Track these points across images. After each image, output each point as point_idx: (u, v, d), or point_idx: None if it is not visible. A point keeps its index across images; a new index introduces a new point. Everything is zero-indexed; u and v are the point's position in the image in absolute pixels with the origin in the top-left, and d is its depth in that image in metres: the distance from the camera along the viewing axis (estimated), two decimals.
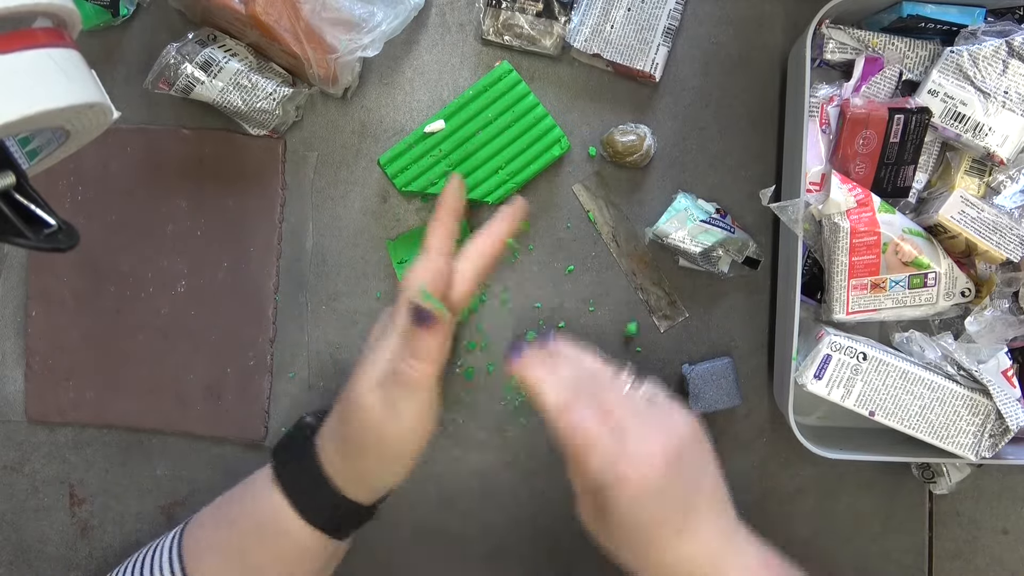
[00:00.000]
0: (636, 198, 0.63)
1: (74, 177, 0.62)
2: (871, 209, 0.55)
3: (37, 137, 0.38)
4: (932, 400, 0.55)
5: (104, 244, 0.63)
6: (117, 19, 0.61)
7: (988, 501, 0.65)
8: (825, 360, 0.55)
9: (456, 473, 0.64)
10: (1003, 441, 0.54)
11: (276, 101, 0.59)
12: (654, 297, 0.63)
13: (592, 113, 0.63)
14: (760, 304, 0.64)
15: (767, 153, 0.63)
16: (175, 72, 0.56)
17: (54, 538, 0.64)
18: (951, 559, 0.65)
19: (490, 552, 0.64)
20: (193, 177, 0.62)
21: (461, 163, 0.60)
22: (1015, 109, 0.55)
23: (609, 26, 0.60)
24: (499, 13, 0.60)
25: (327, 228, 0.63)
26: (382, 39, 0.58)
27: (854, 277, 0.56)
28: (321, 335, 0.64)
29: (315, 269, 0.64)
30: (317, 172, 0.63)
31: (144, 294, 0.63)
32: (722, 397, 0.60)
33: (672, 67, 0.63)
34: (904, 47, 0.58)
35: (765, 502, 0.64)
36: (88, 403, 0.63)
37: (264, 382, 0.63)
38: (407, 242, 0.63)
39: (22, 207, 0.34)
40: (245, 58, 0.58)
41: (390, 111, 0.63)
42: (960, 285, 0.56)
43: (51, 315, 0.63)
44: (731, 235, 0.59)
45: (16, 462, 0.64)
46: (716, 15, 0.63)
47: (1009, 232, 0.55)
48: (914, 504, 0.64)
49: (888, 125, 0.56)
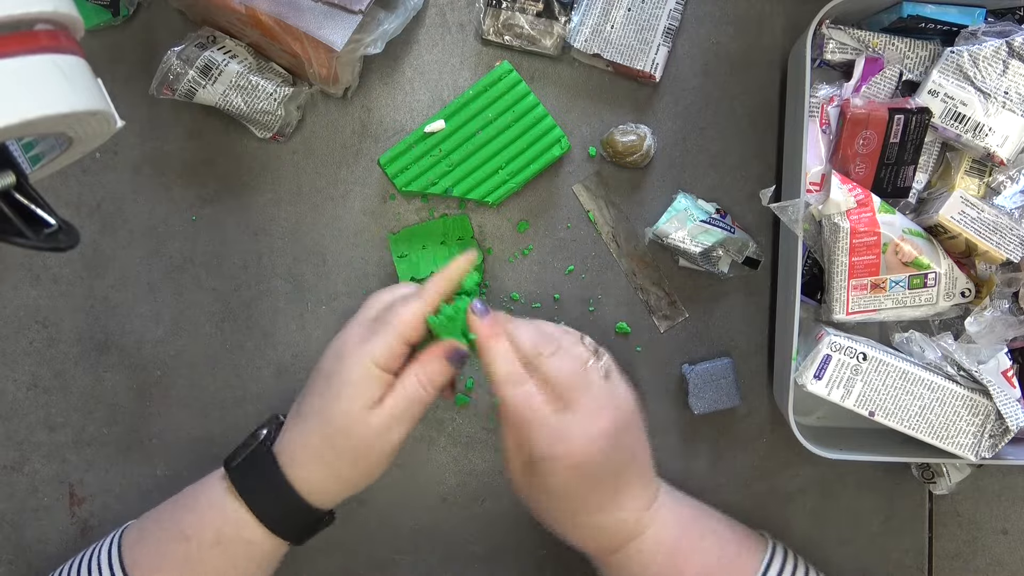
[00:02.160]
0: (636, 198, 0.63)
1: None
2: (871, 209, 0.55)
3: (40, 143, 0.38)
4: (932, 400, 0.55)
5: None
6: (117, 19, 0.61)
7: (988, 501, 0.65)
8: (825, 360, 0.55)
9: (456, 473, 0.64)
10: (1003, 441, 0.54)
11: (277, 101, 0.59)
12: (654, 297, 0.63)
13: (592, 113, 0.63)
14: (760, 304, 0.64)
15: (767, 153, 0.63)
16: (177, 78, 0.57)
17: (54, 538, 0.64)
18: (951, 559, 0.65)
19: (490, 552, 0.64)
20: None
21: (461, 163, 0.60)
22: (1015, 109, 0.55)
23: (609, 26, 0.60)
24: (499, 13, 0.60)
25: (327, 228, 0.63)
26: (384, 38, 0.58)
27: (854, 277, 0.56)
28: (321, 335, 0.64)
29: (315, 269, 0.64)
30: (317, 172, 0.63)
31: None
32: (722, 397, 0.60)
33: (672, 67, 0.63)
34: (904, 47, 0.58)
35: (765, 502, 0.64)
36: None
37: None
38: (409, 237, 0.63)
39: (22, 207, 0.34)
40: (245, 59, 0.58)
41: (390, 111, 0.63)
42: (960, 285, 0.56)
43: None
44: (731, 235, 0.59)
45: (16, 462, 0.64)
46: (716, 15, 0.63)
47: (1009, 232, 0.55)
48: (914, 504, 0.64)
49: (888, 125, 0.56)
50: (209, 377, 0.64)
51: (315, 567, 0.64)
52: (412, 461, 0.64)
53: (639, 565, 0.50)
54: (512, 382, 0.46)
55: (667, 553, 0.50)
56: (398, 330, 0.47)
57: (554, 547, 0.64)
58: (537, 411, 0.46)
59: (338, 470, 0.48)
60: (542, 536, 0.64)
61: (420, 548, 0.64)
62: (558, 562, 0.64)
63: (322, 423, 0.47)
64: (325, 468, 0.48)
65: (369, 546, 0.64)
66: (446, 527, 0.64)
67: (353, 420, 0.46)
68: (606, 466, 0.47)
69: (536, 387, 0.46)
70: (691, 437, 0.64)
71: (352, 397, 0.46)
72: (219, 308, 0.64)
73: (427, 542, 0.64)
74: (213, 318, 0.64)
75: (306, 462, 0.48)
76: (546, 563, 0.64)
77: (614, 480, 0.48)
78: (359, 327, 0.49)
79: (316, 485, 0.48)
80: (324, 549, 0.63)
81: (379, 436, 0.47)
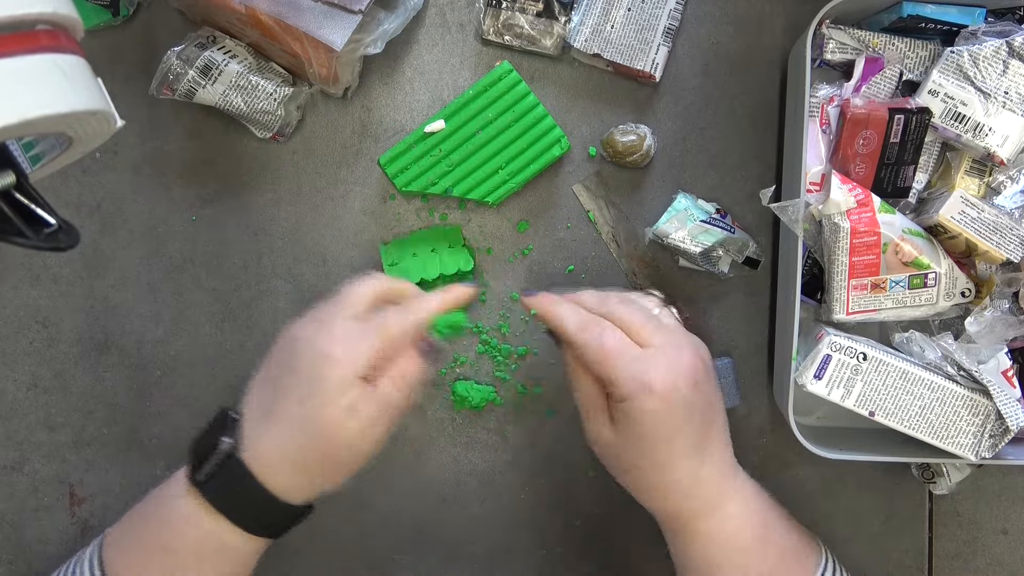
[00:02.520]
0: (636, 198, 0.63)
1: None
2: (871, 209, 0.55)
3: (40, 143, 0.38)
4: (932, 400, 0.55)
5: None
6: (117, 19, 0.61)
7: (988, 501, 0.65)
8: (825, 360, 0.55)
9: (456, 473, 0.64)
10: (1003, 441, 0.54)
11: (277, 101, 0.59)
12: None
13: (592, 113, 0.63)
14: (760, 304, 0.64)
15: (767, 153, 0.63)
16: (177, 78, 0.57)
17: (54, 538, 0.64)
18: (951, 559, 0.65)
19: (490, 552, 0.64)
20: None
21: (461, 163, 0.60)
22: (1015, 109, 0.55)
23: (609, 26, 0.60)
24: (499, 13, 0.60)
25: (327, 228, 0.63)
26: (384, 38, 0.58)
27: (854, 277, 0.56)
28: None
29: (315, 269, 0.64)
30: (317, 172, 0.63)
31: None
32: (722, 397, 0.60)
33: (672, 67, 0.63)
34: (904, 47, 0.58)
35: None
36: None
37: None
38: (400, 246, 0.63)
39: (22, 207, 0.34)
40: (245, 59, 0.58)
41: (390, 111, 0.63)
42: (960, 285, 0.56)
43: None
44: (731, 235, 0.59)
45: (16, 462, 0.64)
46: (716, 15, 0.63)
47: (1009, 232, 0.55)
48: (914, 504, 0.64)
49: (888, 125, 0.56)
50: (209, 377, 0.64)
51: (315, 567, 0.64)
52: (412, 461, 0.64)
53: (723, 539, 0.48)
54: (587, 328, 0.46)
55: (753, 531, 0.49)
56: (391, 342, 0.46)
57: (554, 547, 0.64)
58: (619, 347, 0.45)
59: (317, 475, 0.47)
60: (542, 536, 0.64)
61: (420, 548, 0.64)
62: (558, 562, 0.64)
63: (302, 431, 0.45)
64: (303, 473, 0.46)
65: (369, 546, 0.64)
66: (446, 527, 0.64)
67: (335, 428, 0.44)
68: (691, 407, 0.46)
69: (611, 327, 0.46)
70: None
71: (336, 404, 0.44)
72: (219, 308, 0.64)
73: (427, 542, 0.64)
74: (213, 318, 0.64)
75: (284, 470, 0.46)
76: (546, 563, 0.64)
77: (700, 426, 0.47)
78: (344, 324, 0.46)
79: (294, 488, 0.47)
80: (324, 549, 0.63)
81: (359, 440, 0.45)
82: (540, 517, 0.64)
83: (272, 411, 0.46)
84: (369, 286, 0.49)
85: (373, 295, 0.48)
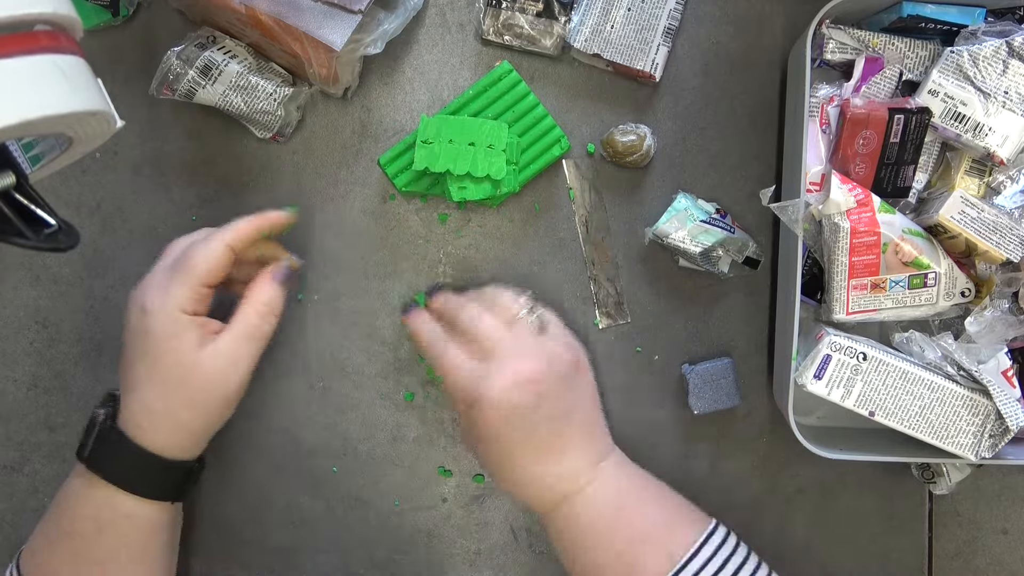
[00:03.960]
0: (636, 198, 0.63)
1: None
2: (871, 209, 0.55)
3: (40, 143, 0.38)
4: (932, 400, 0.55)
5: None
6: (117, 19, 0.61)
7: (988, 501, 0.65)
8: (825, 360, 0.55)
9: (456, 473, 0.64)
10: (1003, 441, 0.54)
11: (277, 101, 0.59)
12: (604, 292, 0.63)
13: (592, 113, 0.63)
14: (760, 304, 0.64)
15: (767, 153, 0.63)
16: (177, 78, 0.57)
17: None
18: (951, 559, 0.65)
19: (490, 552, 0.64)
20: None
21: None
22: (1015, 109, 0.55)
23: (609, 26, 0.60)
24: (499, 13, 0.60)
25: (327, 228, 0.63)
26: (384, 38, 0.58)
27: (854, 277, 0.56)
28: (321, 335, 0.64)
29: (315, 269, 0.64)
30: (317, 172, 0.63)
31: None
32: (722, 397, 0.60)
33: (672, 67, 0.63)
34: (904, 47, 0.58)
35: (765, 502, 0.64)
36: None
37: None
38: (440, 125, 0.57)
39: (22, 207, 0.34)
40: (245, 59, 0.58)
41: (390, 111, 0.63)
42: (960, 285, 0.56)
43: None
44: (731, 235, 0.59)
45: (16, 462, 0.64)
46: (716, 15, 0.63)
47: (1009, 232, 0.55)
48: (914, 504, 0.64)
49: (888, 125, 0.56)
50: None
51: (315, 567, 0.64)
52: (412, 461, 0.64)
53: (577, 522, 0.50)
54: (432, 344, 0.51)
55: (606, 512, 0.50)
56: (197, 274, 0.48)
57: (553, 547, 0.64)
58: (455, 362, 0.49)
59: (188, 422, 0.49)
60: (542, 536, 0.64)
61: (420, 548, 0.64)
62: (558, 562, 0.64)
63: (154, 385, 0.48)
64: (174, 425, 0.48)
65: (369, 546, 0.64)
66: (446, 527, 0.64)
67: (185, 371, 0.47)
68: (535, 414, 0.48)
69: (457, 345, 0.50)
70: (691, 437, 0.64)
71: (175, 351, 0.47)
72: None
73: (427, 542, 0.64)
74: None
75: (154, 426, 0.48)
76: (546, 563, 0.64)
77: (549, 431, 0.49)
78: (158, 274, 0.50)
79: (173, 442, 0.49)
80: (324, 549, 0.63)
81: (220, 374, 0.48)
82: (539, 517, 0.64)
83: (130, 375, 0.49)
84: (185, 237, 0.53)
85: (189, 241, 0.52)
